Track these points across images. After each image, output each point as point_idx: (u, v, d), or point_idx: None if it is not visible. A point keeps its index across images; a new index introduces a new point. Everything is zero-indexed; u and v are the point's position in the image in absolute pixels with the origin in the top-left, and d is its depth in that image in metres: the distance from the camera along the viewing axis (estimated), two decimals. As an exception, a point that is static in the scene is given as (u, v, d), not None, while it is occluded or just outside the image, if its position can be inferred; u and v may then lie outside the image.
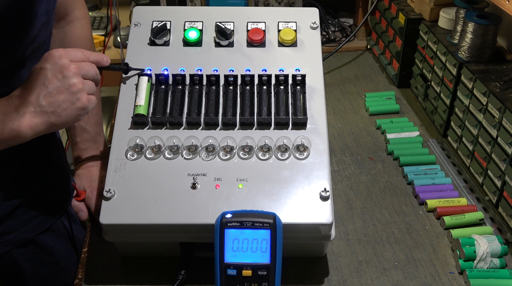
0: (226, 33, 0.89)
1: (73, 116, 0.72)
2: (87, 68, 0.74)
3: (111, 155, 0.80)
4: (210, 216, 0.75)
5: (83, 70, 0.73)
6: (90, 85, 0.74)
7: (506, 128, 0.88)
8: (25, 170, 0.86)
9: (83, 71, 0.73)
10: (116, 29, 1.62)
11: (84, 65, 0.73)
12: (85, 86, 0.73)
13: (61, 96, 0.70)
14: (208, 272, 0.75)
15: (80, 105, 0.72)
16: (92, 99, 0.74)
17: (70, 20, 0.95)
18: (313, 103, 0.84)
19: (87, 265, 0.84)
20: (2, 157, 0.77)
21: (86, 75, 0.73)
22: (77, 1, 0.96)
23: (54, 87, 0.70)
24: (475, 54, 1.01)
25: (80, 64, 0.73)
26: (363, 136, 1.14)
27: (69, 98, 0.71)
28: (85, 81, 0.73)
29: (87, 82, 0.74)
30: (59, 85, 0.70)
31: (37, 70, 0.71)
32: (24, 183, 0.86)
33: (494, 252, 0.83)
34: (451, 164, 1.04)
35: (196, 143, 0.81)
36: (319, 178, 0.78)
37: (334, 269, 0.84)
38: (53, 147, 0.93)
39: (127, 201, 0.76)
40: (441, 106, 1.11)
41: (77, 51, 0.74)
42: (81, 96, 0.72)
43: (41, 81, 0.69)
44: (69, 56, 0.72)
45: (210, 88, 0.85)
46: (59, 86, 0.70)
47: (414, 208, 0.95)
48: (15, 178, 0.84)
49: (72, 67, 0.71)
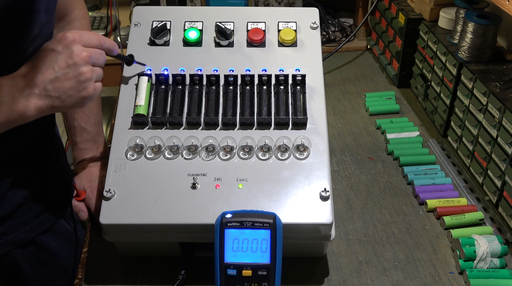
0: (226, 33, 0.89)
1: (77, 103, 0.72)
2: (98, 55, 0.73)
3: (111, 155, 0.80)
4: (210, 216, 0.75)
5: (94, 58, 0.72)
6: (98, 73, 0.73)
7: (506, 128, 0.88)
8: (26, 170, 0.86)
9: (94, 59, 0.72)
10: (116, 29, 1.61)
11: (95, 53, 0.72)
12: (94, 74, 0.72)
13: (68, 83, 0.69)
14: (208, 272, 0.75)
15: (86, 94, 0.71)
16: (98, 86, 0.73)
17: (69, 20, 0.94)
18: (313, 103, 0.84)
19: (87, 265, 0.84)
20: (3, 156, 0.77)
21: (95, 63, 0.73)
22: (77, 1, 0.96)
23: (63, 73, 0.69)
24: (475, 54, 1.01)
25: (92, 51, 0.71)
26: (363, 136, 1.14)
27: (76, 85, 0.70)
28: (94, 68, 0.72)
29: (96, 69, 0.73)
30: (68, 71, 0.69)
31: (47, 51, 0.69)
32: (24, 183, 0.86)
33: (494, 252, 0.83)
34: (451, 164, 1.04)
35: (196, 143, 0.81)
36: (319, 178, 0.78)
37: (334, 269, 0.84)
38: (53, 147, 0.93)
39: (127, 201, 0.76)
40: (441, 106, 1.11)
41: (92, 35, 0.73)
42: (88, 85, 0.71)
43: (50, 63, 0.68)
44: (83, 41, 0.71)
45: (210, 88, 0.85)
46: (68, 72, 0.69)
47: (414, 208, 0.95)
48: (16, 178, 0.84)
49: (84, 54, 0.70)
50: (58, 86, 0.69)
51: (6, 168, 0.83)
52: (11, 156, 0.82)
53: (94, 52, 0.72)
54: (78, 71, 0.69)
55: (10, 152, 0.77)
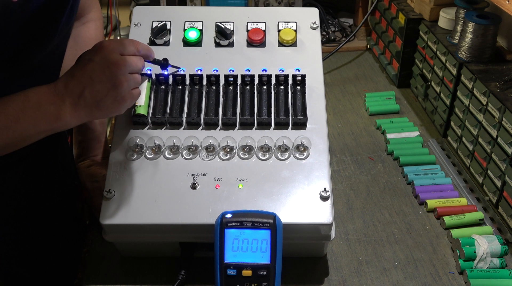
0: (226, 33, 0.89)
1: (115, 110, 0.73)
2: (135, 63, 0.73)
3: (111, 155, 0.80)
4: (210, 216, 0.75)
5: (131, 66, 0.72)
6: (135, 80, 0.74)
7: (506, 128, 0.88)
8: (32, 172, 0.86)
9: (131, 67, 0.72)
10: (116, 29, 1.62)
11: (132, 61, 0.73)
12: (130, 82, 0.73)
13: (106, 91, 0.70)
14: (208, 272, 0.75)
15: (123, 102, 0.72)
16: (135, 93, 0.75)
17: (85, 21, 0.95)
18: (313, 103, 0.84)
19: (87, 265, 0.84)
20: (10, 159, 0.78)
21: (133, 71, 0.73)
22: (93, 3, 0.97)
23: (100, 82, 0.70)
24: (475, 54, 1.01)
25: (129, 60, 0.72)
26: (363, 136, 1.14)
27: (113, 94, 0.71)
28: (131, 76, 0.73)
29: (133, 77, 0.73)
30: (105, 80, 0.70)
31: (86, 60, 0.71)
32: (30, 184, 0.86)
33: (494, 252, 0.83)
34: (451, 164, 1.04)
35: (196, 143, 0.81)
36: (319, 178, 0.78)
37: (334, 269, 0.84)
38: (60, 149, 0.94)
39: (127, 201, 0.76)
40: (441, 106, 1.11)
41: (130, 44, 0.74)
42: (125, 93, 0.72)
43: (88, 73, 0.70)
44: (120, 49, 0.72)
45: (210, 88, 0.85)
46: (105, 82, 0.70)
47: (414, 208, 0.95)
48: (22, 179, 0.85)
49: (121, 63, 0.71)
50: (96, 95, 0.70)
51: (13, 170, 0.83)
52: (19, 158, 0.82)
53: (131, 60, 0.73)
54: (115, 80, 0.70)
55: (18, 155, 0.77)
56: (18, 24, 0.67)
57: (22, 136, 0.69)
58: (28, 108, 0.68)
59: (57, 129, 0.71)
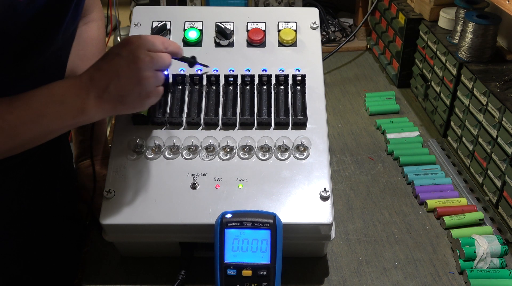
0: (226, 33, 0.89)
1: (138, 106, 0.73)
2: (162, 60, 0.73)
3: (111, 155, 0.80)
4: (210, 216, 0.75)
5: (157, 63, 0.72)
6: (161, 77, 0.74)
7: (506, 128, 0.88)
8: (34, 174, 0.86)
9: (157, 64, 0.72)
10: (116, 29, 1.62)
11: (159, 57, 0.72)
12: (156, 79, 0.72)
13: (131, 87, 0.70)
14: (208, 272, 0.75)
15: (147, 98, 0.72)
16: (160, 90, 0.74)
17: (87, 21, 0.95)
18: (313, 103, 0.84)
19: (87, 265, 0.84)
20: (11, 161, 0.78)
21: (159, 67, 0.73)
22: (96, 3, 0.97)
23: (126, 77, 0.69)
24: (475, 54, 1.01)
25: (156, 56, 0.72)
26: (363, 136, 1.14)
27: (137, 90, 0.70)
28: (157, 73, 0.72)
29: (159, 74, 0.73)
30: (131, 75, 0.69)
31: (112, 54, 0.70)
32: (32, 186, 0.86)
33: (494, 252, 0.83)
34: (451, 164, 1.04)
35: (196, 143, 0.81)
36: (319, 178, 0.78)
37: (334, 269, 0.84)
38: (61, 151, 0.94)
39: (127, 201, 0.76)
40: (441, 106, 1.11)
41: (157, 40, 0.74)
42: (150, 90, 0.72)
43: (114, 67, 0.69)
44: (147, 46, 0.72)
45: (210, 88, 0.85)
46: (131, 77, 0.70)
47: (414, 208, 0.95)
48: (24, 181, 0.85)
49: (147, 59, 0.70)
50: (121, 90, 0.69)
51: (14, 172, 0.83)
52: (20, 161, 0.82)
53: (158, 56, 0.72)
54: (140, 76, 0.70)
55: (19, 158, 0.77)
56: (24, 23, 0.67)
57: (48, 130, 0.69)
58: (53, 102, 0.68)
59: (81, 123, 0.71)
